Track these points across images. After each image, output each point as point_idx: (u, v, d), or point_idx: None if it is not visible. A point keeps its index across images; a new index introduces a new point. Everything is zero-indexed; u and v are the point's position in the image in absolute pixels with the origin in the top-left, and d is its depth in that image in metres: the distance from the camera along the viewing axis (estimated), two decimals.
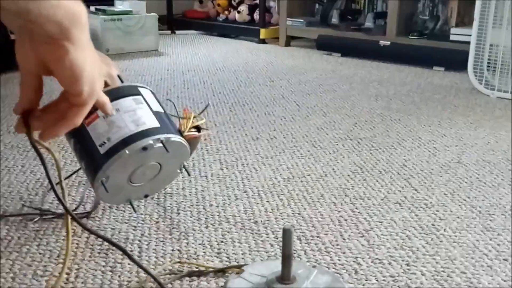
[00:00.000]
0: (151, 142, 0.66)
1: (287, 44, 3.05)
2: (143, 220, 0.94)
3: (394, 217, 0.96)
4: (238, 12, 3.28)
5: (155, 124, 0.69)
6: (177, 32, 3.50)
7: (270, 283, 0.55)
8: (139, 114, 0.68)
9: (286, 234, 0.54)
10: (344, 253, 0.84)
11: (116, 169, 0.66)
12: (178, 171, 0.77)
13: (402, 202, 1.03)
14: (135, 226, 0.92)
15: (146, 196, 0.78)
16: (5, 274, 0.77)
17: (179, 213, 0.97)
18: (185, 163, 0.76)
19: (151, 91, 0.75)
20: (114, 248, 0.83)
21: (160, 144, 0.67)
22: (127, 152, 0.65)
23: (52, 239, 0.88)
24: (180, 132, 0.73)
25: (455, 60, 2.28)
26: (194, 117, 0.74)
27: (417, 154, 1.29)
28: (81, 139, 0.70)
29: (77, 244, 0.86)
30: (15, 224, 0.92)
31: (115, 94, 0.69)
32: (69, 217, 0.71)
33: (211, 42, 3.18)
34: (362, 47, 2.62)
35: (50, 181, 0.64)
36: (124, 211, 0.98)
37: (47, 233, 0.89)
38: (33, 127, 0.58)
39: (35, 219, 0.93)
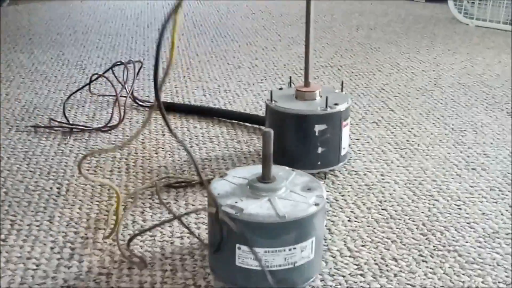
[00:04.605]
0: None
1: None
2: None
3: (371, 135, 1.00)
4: None
5: None
6: None
7: (252, 183, 0.58)
8: None
9: (266, 136, 0.57)
10: None
11: None
12: None
13: (379, 121, 1.07)
14: (121, 147, 0.95)
15: None
16: None
17: (164, 135, 1.00)
18: None
19: None
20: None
21: None
22: None
23: (42, 158, 0.91)
24: None
25: None
26: None
27: (395, 79, 1.32)
28: None
29: (65, 162, 0.89)
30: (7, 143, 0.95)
31: None
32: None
33: None
34: None
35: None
36: (110, 133, 1.01)
37: (36, 153, 0.92)
38: None
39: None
